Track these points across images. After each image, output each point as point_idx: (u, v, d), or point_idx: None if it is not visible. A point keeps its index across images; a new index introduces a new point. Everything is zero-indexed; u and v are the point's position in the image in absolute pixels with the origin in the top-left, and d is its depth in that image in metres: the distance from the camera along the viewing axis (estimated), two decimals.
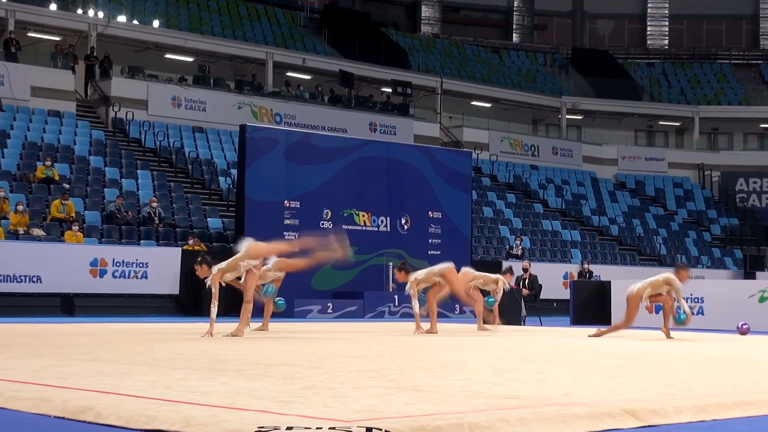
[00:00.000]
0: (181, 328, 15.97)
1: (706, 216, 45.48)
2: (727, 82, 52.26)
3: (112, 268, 23.32)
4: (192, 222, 27.69)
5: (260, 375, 7.71)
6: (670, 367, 9.27)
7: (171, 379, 7.21)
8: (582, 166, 45.98)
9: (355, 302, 25.33)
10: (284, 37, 42.47)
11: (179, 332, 14.66)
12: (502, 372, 8.34)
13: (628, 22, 57.14)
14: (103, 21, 35.64)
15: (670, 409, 5.94)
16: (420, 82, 43.02)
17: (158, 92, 34.62)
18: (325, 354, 10.35)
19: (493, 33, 55.53)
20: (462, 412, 5.40)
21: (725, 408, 6.18)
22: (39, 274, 22.30)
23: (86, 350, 10.39)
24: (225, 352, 10.27)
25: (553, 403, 6.02)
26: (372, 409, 5.54)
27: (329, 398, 6.08)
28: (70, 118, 31.53)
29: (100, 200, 27.00)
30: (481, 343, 13.39)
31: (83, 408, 5.61)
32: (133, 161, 30.26)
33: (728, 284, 26.25)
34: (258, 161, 25.31)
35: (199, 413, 5.30)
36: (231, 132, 33.41)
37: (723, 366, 9.52)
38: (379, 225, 26.98)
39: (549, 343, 13.44)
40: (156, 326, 16.95)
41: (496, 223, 36.36)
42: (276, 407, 5.59)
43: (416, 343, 12.95)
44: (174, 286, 24.00)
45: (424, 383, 7.22)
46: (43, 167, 26.78)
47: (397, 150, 28.75)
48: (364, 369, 8.43)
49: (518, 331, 17.71)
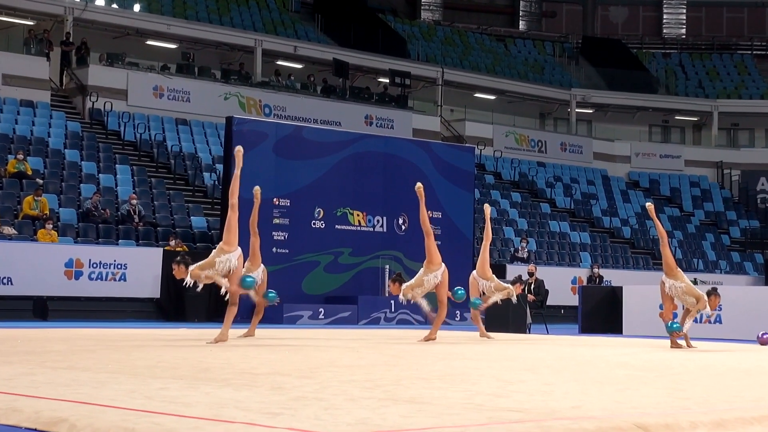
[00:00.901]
0: (162, 334, 15.96)
1: (724, 218, 45.53)
2: (749, 74, 52.31)
3: (89, 270, 23.31)
4: (174, 221, 27.69)
5: (247, 385, 7.71)
6: (685, 379, 9.28)
7: (151, 389, 7.21)
8: (592, 163, 46.02)
9: (349, 308, 25.34)
10: (274, 24, 42.47)
11: (160, 338, 14.66)
12: (506, 383, 8.35)
13: (642, 9, 57.20)
14: (80, 4, 35.60)
15: (685, 424, 5.95)
16: (419, 72, 43.03)
17: (139, 81, 34.60)
18: (315, 363, 10.35)
19: (498, 20, 55.57)
20: (462, 426, 5.41)
21: (744, 423, 6.19)
22: (10, 275, 22.29)
23: (60, 357, 10.38)
24: (209, 361, 10.27)
25: (560, 416, 6.02)
26: (366, 422, 5.54)
27: (320, 410, 6.08)
28: (44, 109, 31.52)
29: (76, 197, 26.98)
30: (483, 352, 13.41)
31: (56, 419, 5.61)
32: (112, 155, 30.25)
33: (748, 291, 26.27)
34: (245, 156, 25.24)
35: (181, 426, 5.31)
36: (217, 124, 33.40)
37: (742, 378, 9.53)
38: (374, 225, 26.98)
39: (556, 353, 13.45)
40: (135, 332, 16.94)
41: (501, 224, 36.38)
42: (263, 419, 5.59)
43: (414, 352, 12.96)
44: (155, 290, 24.00)
45: (421, 395, 7.22)
46: (14, 161, 26.76)
47: (394, 145, 28.76)
48: (358, 379, 8.43)
49: (523, 340, 17.72)
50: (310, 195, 25.85)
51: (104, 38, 36.50)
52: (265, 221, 24.84)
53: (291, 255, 25.15)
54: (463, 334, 19.54)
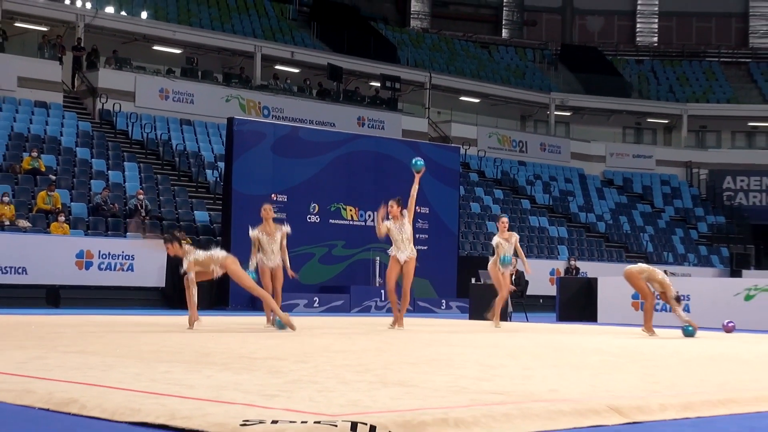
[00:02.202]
0: (167, 321, 15.94)
1: (693, 214, 45.61)
2: (716, 80, 52.38)
3: (98, 260, 23.29)
4: (179, 215, 27.66)
5: (245, 369, 7.70)
6: (655, 364, 9.29)
7: (156, 372, 7.20)
8: (570, 162, 46.06)
9: (342, 297, 25.35)
10: (273, 30, 42.42)
11: (165, 325, 14.64)
12: (488, 368, 8.34)
13: (617, 18, 57.24)
14: (91, 12, 35.56)
15: (655, 406, 5.95)
16: (409, 76, 43.03)
17: (146, 84, 34.57)
18: (310, 348, 10.34)
19: (482, 28, 55.57)
20: (447, 408, 5.40)
21: (710, 406, 6.19)
22: (24, 265, 22.27)
23: (71, 342, 10.37)
24: (210, 346, 10.26)
25: (538, 399, 6.02)
26: (357, 404, 5.53)
27: (314, 392, 6.07)
28: (57, 109, 31.47)
29: (87, 192, 26.94)
30: (467, 339, 13.41)
31: (67, 400, 5.60)
32: (120, 153, 30.22)
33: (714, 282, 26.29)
34: (245, 154, 25.28)
35: (184, 406, 5.29)
36: (218, 125, 33.37)
37: (708, 364, 9.54)
38: (366, 219, 26.96)
39: (535, 340, 13.47)
40: (141, 319, 16.92)
41: (484, 219, 36.40)
42: (261, 401, 5.58)
43: (402, 339, 12.96)
44: (160, 279, 23.98)
45: (409, 378, 7.22)
46: (29, 158, 26.72)
47: (385, 144, 28.74)
48: (350, 364, 8.43)
49: (504, 328, 17.72)
50: (306, 191, 25.83)
51: (113, 43, 36.44)
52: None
53: (288, 247, 25.07)
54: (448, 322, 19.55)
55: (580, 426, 5.36)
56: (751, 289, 20.42)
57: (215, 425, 4.81)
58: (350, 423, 4.75)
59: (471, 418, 5.13)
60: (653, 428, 5.44)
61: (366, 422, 4.79)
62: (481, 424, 5.09)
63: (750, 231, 45.00)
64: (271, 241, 15.35)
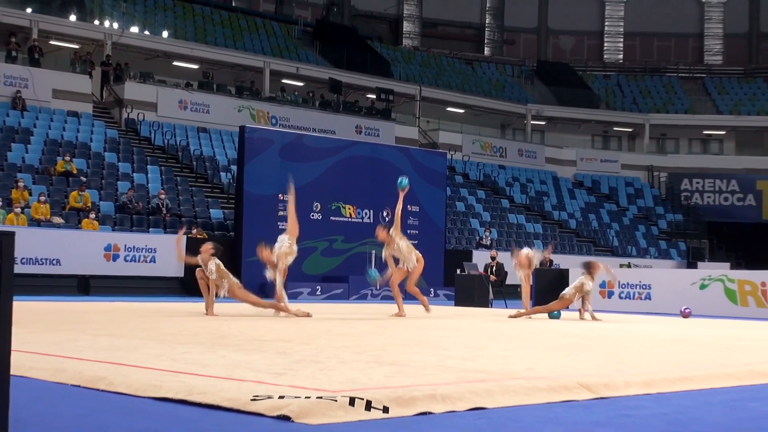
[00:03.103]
0: (185, 307, 15.94)
1: (654, 212, 45.64)
2: (675, 93, 52.40)
3: (124, 253, 23.26)
4: (196, 212, 27.63)
5: (256, 349, 7.71)
6: (621, 346, 9.30)
7: (176, 353, 7.20)
8: (544, 166, 46.05)
9: (341, 285, 25.34)
10: (280, 48, 42.38)
11: (183, 311, 14.64)
12: (472, 349, 8.35)
13: (587, 38, 57.20)
14: (118, 31, 35.51)
15: (620, 383, 5.97)
16: (401, 89, 43.00)
17: (167, 96, 34.52)
18: (313, 332, 10.35)
19: (467, 47, 55.52)
20: (435, 384, 5.41)
21: (669, 383, 6.21)
22: (58, 257, 22.25)
23: (100, 326, 10.37)
24: (224, 329, 10.26)
25: (516, 377, 6.03)
26: (355, 381, 5.54)
27: (317, 371, 6.08)
28: (87, 118, 31.41)
29: (114, 192, 26.90)
30: (453, 324, 13.42)
31: (97, 377, 5.60)
32: (144, 157, 30.17)
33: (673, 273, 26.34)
34: (255, 159, 25.28)
35: (200, 383, 5.30)
36: (231, 132, 33.32)
37: (667, 346, 9.56)
38: (363, 217, 26.96)
39: (514, 324, 13.48)
40: (162, 305, 16.92)
41: (468, 217, 36.40)
42: (269, 378, 5.59)
43: (396, 323, 12.97)
44: (179, 270, 23.93)
45: (401, 358, 7.22)
46: (62, 162, 26.68)
47: (380, 150, 28.74)
48: (349, 345, 8.43)
49: (486, 313, 17.74)
50: (310, 191, 25.80)
51: (138, 59, 36.39)
52: (272, 213, 24.86)
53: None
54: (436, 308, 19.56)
55: (554, 401, 5.37)
56: (706, 279, 20.47)
57: (228, 400, 4.82)
58: (348, 398, 4.76)
59: (456, 394, 5.14)
60: (619, 403, 5.45)
61: (363, 397, 4.79)
62: (466, 399, 5.10)
63: (705, 228, 45.07)
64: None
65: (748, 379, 6.70)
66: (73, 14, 35.06)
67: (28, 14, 33.43)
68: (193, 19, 41.22)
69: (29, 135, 28.49)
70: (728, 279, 20.12)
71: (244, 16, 44.44)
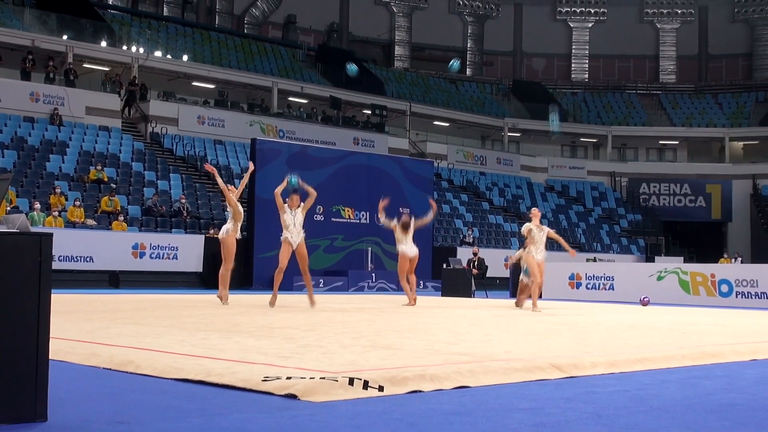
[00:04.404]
0: (204, 299, 15.92)
1: (616, 213, 45.69)
2: (634, 107, 52.48)
3: (150, 251, 23.23)
4: (213, 215, 27.61)
5: (266, 336, 7.70)
6: (588, 331, 9.30)
7: (195, 339, 7.19)
8: (520, 173, 46.09)
9: (341, 278, 25.32)
10: (286, 70, 42.37)
11: (202, 302, 14.62)
12: (457, 334, 8.35)
13: (557, 60, 57.27)
14: (143, 55, 35.48)
15: (588, 363, 5.97)
16: (393, 106, 43.02)
17: (186, 112, 34.50)
18: (317, 320, 10.34)
19: None
20: (424, 366, 5.41)
21: (631, 363, 6.22)
22: (91, 255, 22.21)
23: (128, 316, 10.35)
24: (238, 318, 10.24)
25: (496, 359, 6.03)
26: (353, 363, 5.53)
27: (320, 354, 6.07)
28: (117, 132, 31.39)
29: (140, 197, 26.88)
30: (440, 312, 13.42)
31: (126, 361, 5.59)
32: (167, 166, 30.15)
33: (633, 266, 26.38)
34: (266, 167, 25.25)
35: (217, 366, 5.29)
36: (244, 144, 33.31)
37: (629, 331, 9.57)
38: (360, 218, 26.95)
39: (493, 312, 13.48)
40: (184, 297, 16.90)
41: (453, 217, 36.41)
42: (278, 361, 5.58)
43: (389, 312, 12.96)
44: (198, 265, 23.94)
45: (395, 343, 7.22)
46: (95, 171, 26.66)
47: (375, 159, 28.74)
48: (348, 331, 8.42)
49: (469, 303, 17.74)
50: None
51: (161, 80, 36.36)
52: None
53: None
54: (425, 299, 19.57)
55: (529, 380, 5.37)
56: (662, 272, 20.51)
57: (242, 381, 4.81)
58: (348, 378, 4.76)
59: (443, 374, 5.14)
60: (586, 381, 5.45)
61: (360, 378, 4.79)
62: (452, 379, 5.10)
63: (661, 226, 45.13)
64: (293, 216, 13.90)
65: (700, 359, 6.70)
66: (104, 40, 35.03)
67: (64, 41, 33.41)
68: (210, 44, 41.20)
69: (65, 147, 28.46)
70: (682, 271, 20.16)
71: (255, 42, 44.46)
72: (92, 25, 35.34)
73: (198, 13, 47.17)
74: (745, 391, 5.26)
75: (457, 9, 55.94)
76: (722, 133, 49.31)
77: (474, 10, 56.10)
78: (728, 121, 50.24)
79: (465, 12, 56.04)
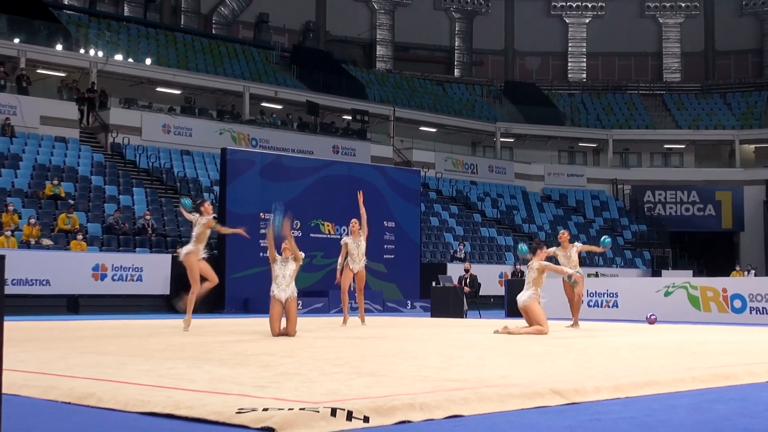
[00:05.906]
0: (171, 324, 15.84)
1: (619, 223, 45.84)
2: (636, 109, 52.74)
3: (112, 272, 23.15)
4: (180, 232, 27.52)
5: (240, 364, 7.67)
6: (590, 352, 9.31)
7: (163, 368, 7.15)
8: (514, 181, 46.20)
9: (321, 299, 25.27)
10: (259, 73, 42.37)
11: (170, 327, 14.55)
12: (448, 358, 8.34)
13: (552, 58, 57.53)
14: (102, 59, 35.42)
15: (590, 388, 5.97)
16: (376, 110, 43.09)
17: (150, 120, 34.42)
18: (295, 344, 10.31)
19: (437, 68, 55.69)
20: (413, 394, 5.39)
21: (637, 387, 6.22)
22: (48, 278, 22.11)
23: (89, 344, 10.29)
24: (209, 344, 10.20)
25: (491, 384, 6.02)
26: (336, 392, 5.52)
27: (299, 383, 6.05)
28: (74, 143, 31.28)
29: (101, 214, 26.78)
30: (429, 334, 13.40)
31: (86, 394, 5.55)
32: (129, 180, 30.06)
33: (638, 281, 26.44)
34: (237, 179, 25.23)
35: (186, 397, 5.26)
36: (214, 154, 33.25)
37: (635, 351, 9.58)
38: (341, 233, 26.88)
39: (488, 334, 13.47)
40: (149, 322, 16.82)
41: (442, 231, 36.43)
42: (254, 391, 5.56)
43: (374, 335, 12.93)
44: (165, 288, 23.86)
45: (381, 369, 7.20)
46: (51, 186, 26.55)
47: (356, 169, 28.77)
48: (330, 357, 8.40)
49: (461, 323, 17.73)
50: (290, 210, 25.72)
51: (122, 86, 36.31)
52: (254, 232, 24.74)
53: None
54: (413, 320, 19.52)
55: (527, 407, 5.37)
56: (670, 287, 20.57)
57: (214, 413, 4.79)
58: (330, 409, 4.74)
59: (434, 403, 5.13)
60: (589, 408, 5.45)
61: (344, 408, 4.78)
62: (443, 408, 5.09)
63: (667, 237, 45.30)
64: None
65: (711, 381, 6.72)
66: (60, 44, 34.97)
67: (16, 44, 33.34)
68: (175, 46, 41.18)
69: (18, 160, 28.34)
70: (691, 286, 20.23)
71: (224, 43, 44.47)
72: (46, 27, 35.26)
73: (162, 13, 47.14)
74: (761, 415, 5.27)
75: (444, 5, 56.15)
76: (732, 135, 49.62)
77: (462, 6, 56.32)
78: (738, 123, 50.56)
79: (452, 8, 56.25)
